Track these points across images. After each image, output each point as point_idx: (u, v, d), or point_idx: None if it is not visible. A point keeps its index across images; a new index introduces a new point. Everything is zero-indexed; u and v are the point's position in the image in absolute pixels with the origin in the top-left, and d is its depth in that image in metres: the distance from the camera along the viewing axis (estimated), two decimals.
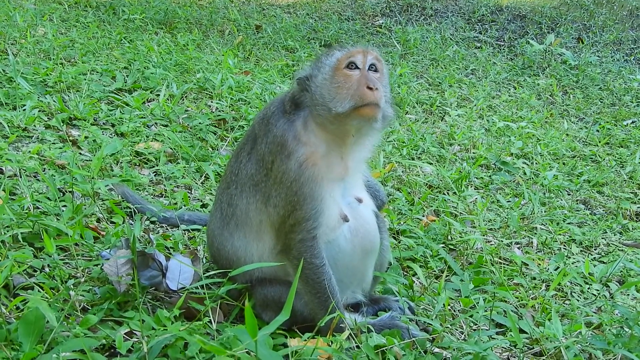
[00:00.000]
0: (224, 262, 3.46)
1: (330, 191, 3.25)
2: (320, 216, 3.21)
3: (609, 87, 10.51)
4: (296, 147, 3.19)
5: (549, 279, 4.48)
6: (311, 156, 3.19)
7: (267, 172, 3.25)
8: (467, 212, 5.37)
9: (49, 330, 2.82)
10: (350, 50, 3.25)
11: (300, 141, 3.21)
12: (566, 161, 7.12)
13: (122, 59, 7.47)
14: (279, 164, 3.20)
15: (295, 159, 3.18)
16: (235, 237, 3.38)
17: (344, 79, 3.19)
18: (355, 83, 3.18)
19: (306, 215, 3.19)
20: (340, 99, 3.17)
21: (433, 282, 4.17)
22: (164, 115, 6.10)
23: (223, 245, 3.44)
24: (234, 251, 3.39)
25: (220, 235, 3.46)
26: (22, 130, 5.23)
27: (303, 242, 3.21)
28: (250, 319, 2.30)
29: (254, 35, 10.75)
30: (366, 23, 12.92)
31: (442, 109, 8.24)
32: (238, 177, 3.39)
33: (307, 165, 3.17)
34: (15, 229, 3.63)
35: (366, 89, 3.15)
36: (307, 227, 3.20)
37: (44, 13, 9.15)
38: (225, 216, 3.43)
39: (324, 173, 3.21)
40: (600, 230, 5.51)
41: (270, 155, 3.24)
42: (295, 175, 3.17)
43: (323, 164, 3.22)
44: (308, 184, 3.18)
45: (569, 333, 3.63)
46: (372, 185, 3.74)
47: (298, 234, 3.21)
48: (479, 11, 13.89)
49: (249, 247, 3.35)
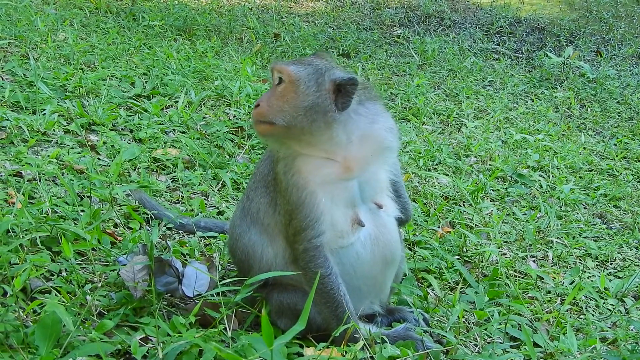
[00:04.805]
0: (240, 254, 3.48)
1: (329, 195, 3.21)
2: (319, 224, 3.19)
3: (627, 101, 10.46)
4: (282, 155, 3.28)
5: (564, 293, 4.47)
6: (289, 163, 3.23)
7: (275, 176, 3.33)
8: (483, 224, 5.36)
9: (65, 335, 2.85)
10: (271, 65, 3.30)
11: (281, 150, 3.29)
12: (583, 175, 7.09)
13: (141, 65, 7.52)
14: (277, 170, 3.29)
15: (279, 167, 3.26)
16: (253, 231, 3.41)
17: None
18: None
19: (302, 225, 3.19)
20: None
21: (448, 293, 4.16)
22: (182, 122, 6.14)
23: (241, 236, 3.46)
24: (251, 244, 3.41)
25: (239, 225, 3.49)
26: (41, 134, 5.28)
27: (306, 252, 3.21)
28: (266, 327, 2.31)
29: (272, 43, 10.79)
30: (384, 33, 12.93)
31: (459, 120, 8.23)
32: (257, 171, 3.50)
33: (289, 173, 3.21)
34: (33, 232, 3.66)
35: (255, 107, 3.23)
36: (307, 237, 3.19)
37: (64, 18, 9.23)
38: (244, 207, 3.49)
39: (312, 178, 3.19)
40: (616, 244, 5.48)
41: (275, 162, 3.33)
42: (285, 184, 3.23)
43: (307, 168, 3.20)
44: (295, 192, 3.19)
45: (584, 348, 3.62)
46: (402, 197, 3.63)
47: (300, 244, 3.21)
48: (498, 23, 13.87)
49: (264, 245, 3.38)
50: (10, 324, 2.87)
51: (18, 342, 2.81)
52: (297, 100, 3.17)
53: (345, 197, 3.27)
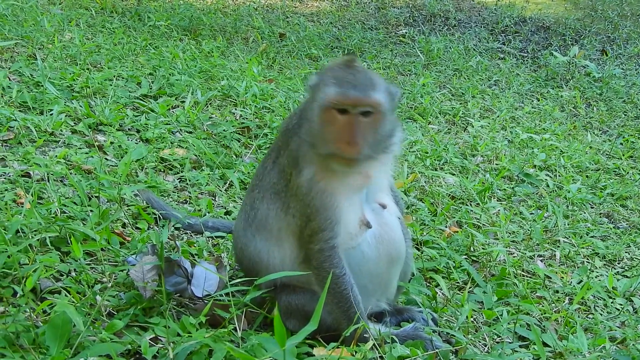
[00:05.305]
0: (247, 263, 3.51)
1: (348, 199, 3.27)
2: (337, 226, 3.23)
3: (633, 100, 10.44)
4: (305, 164, 3.24)
5: (572, 292, 4.46)
6: (319, 173, 3.21)
7: (287, 183, 3.31)
8: (490, 223, 5.36)
9: (75, 335, 2.86)
10: (343, 96, 3.08)
11: (310, 159, 3.24)
12: (590, 174, 7.08)
13: (148, 65, 7.53)
14: (294, 177, 3.27)
15: (304, 175, 3.23)
16: (257, 239, 3.42)
17: (332, 120, 3.12)
18: (338, 131, 3.11)
19: (321, 226, 3.22)
20: (322, 140, 3.16)
21: (456, 293, 4.16)
22: (188, 122, 6.14)
23: (246, 246, 3.48)
24: (256, 252, 3.42)
25: (243, 236, 3.50)
26: (49, 134, 5.29)
27: (322, 252, 3.23)
28: (279, 327, 2.32)
29: (277, 43, 10.80)
30: (389, 32, 12.93)
31: (465, 120, 8.23)
32: (262, 183, 3.45)
33: (315, 180, 3.20)
34: (43, 233, 3.67)
35: (346, 143, 3.09)
36: (324, 238, 3.22)
37: (70, 18, 9.24)
38: (249, 218, 3.48)
39: (337, 184, 3.23)
40: (623, 244, 5.47)
41: (289, 168, 3.31)
42: (306, 190, 3.22)
43: (335, 177, 3.22)
44: (319, 197, 3.20)
45: (593, 347, 3.62)
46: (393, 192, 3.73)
47: (316, 244, 3.23)
48: (503, 22, 13.86)
49: (271, 251, 3.39)
50: (21, 324, 2.89)
51: (29, 342, 2.82)
52: (385, 127, 3.23)
53: (357, 200, 3.33)
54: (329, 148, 3.13)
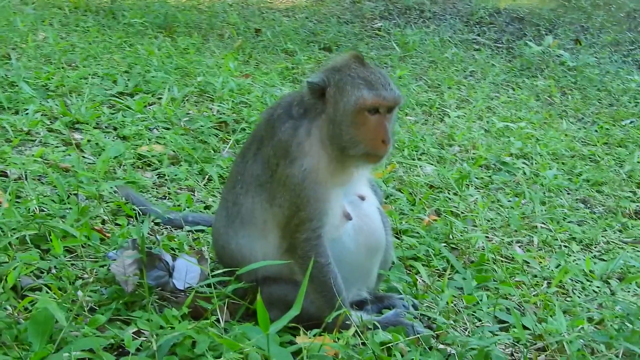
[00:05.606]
0: (228, 260, 3.49)
1: (334, 192, 3.31)
2: (325, 216, 3.27)
3: (607, 88, 10.54)
4: (299, 155, 3.25)
5: (550, 276, 4.52)
6: (314, 165, 3.25)
7: (272, 173, 3.30)
8: (468, 211, 5.40)
9: (58, 330, 2.86)
10: (379, 98, 3.20)
11: (304, 149, 3.26)
12: (565, 161, 7.15)
13: (123, 63, 7.50)
14: (282, 167, 3.26)
15: (298, 165, 3.24)
16: (240, 235, 3.41)
17: (363, 121, 3.21)
18: (372, 131, 3.21)
19: (310, 216, 3.25)
20: (354, 142, 3.23)
21: (436, 280, 4.20)
22: (165, 118, 6.13)
23: (228, 244, 3.47)
24: (238, 249, 3.42)
25: (225, 234, 3.49)
26: (25, 134, 5.27)
27: (308, 241, 3.26)
28: (262, 313, 2.33)
29: (253, 38, 10.79)
30: (365, 26, 12.96)
31: (441, 111, 8.27)
32: (244, 177, 3.43)
33: (309, 171, 3.23)
34: (22, 231, 3.66)
35: (381, 142, 3.21)
36: (312, 227, 3.25)
37: (44, 18, 9.19)
38: (231, 215, 3.46)
39: (327, 177, 3.27)
40: (600, 228, 5.54)
41: (275, 158, 3.29)
42: (298, 180, 3.23)
43: (326, 171, 3.27)
44: (311, 187, 3.24)
45: (572, 329, 3.67)
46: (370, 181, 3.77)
47: (303, 234, 3.26)
48: (477, 13, 13.94)
49: (253, 246, 3.38)
50: (3, 321, 2.88)
51: (11, 338, 2.81)
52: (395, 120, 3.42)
53: (341, 193, 3.39)
54: (363, 148, 3.23)
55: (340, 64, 3.33)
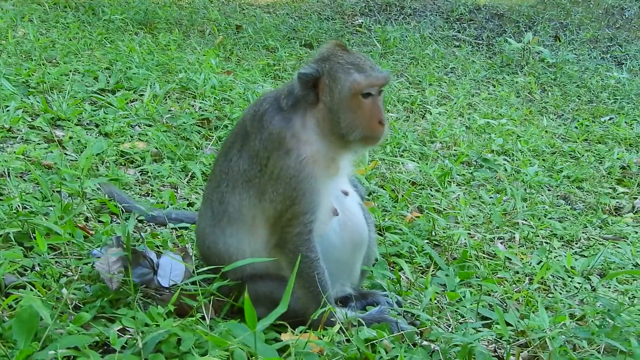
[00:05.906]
0: (215, 260, 3.45)
1: (326, 185, 3.32)
2: (317, 210, 3.28)
3: (586, 85, 10.63)
4: (296, 145, 3.24)
5: (532, 272, 4.56)
6: (312, 154, 3.24)
7: (262, 168, 3.27)
8: (451, 208, 5.44)
9: (43, 328, 2.84)
10: (372, 79, 3.26)
11: (300, 139, 3.25)
12: (546, 157, 7.21)
13: (104, 60, 7.46)
14: (275, 160, 3.24)
15: (295, 156, 3.23)
16: (227, 233, 3.40)
17: (358, 105, 3.25)
18: (368, 114, 3.26)
19: (304, 209, 3.25)
20: (352, 127, 3.26)
21: (419, 276, 4.23)
22: (148, 115, 6.11)
23: (215, 243, 3.45)
24: (225, 248, 3.40)
25: (211, 234, 3.47)
26: (6, 130, 5.23)
27: (300, 236, 3.27)
28: (249, 310, 2.34)
29: (234, 35, 10.77)
30: (345, 22, 12.98)
31: (423, 107, 8.31)
32: (229, 175, 3.40)
33: (307, 162, 3.23)
34: (5, 228, 3.65)
35: (378, 123, 3.26)
36: (305, 221, 3.26)
37: (23, 14, 9.13)
38: (217, 214, 3.44)
39: (322, 170, 3.27)
40: (580, 224, 5.59)
41: (266, 152, 3.27)
42: (294, 171, 3.22)
43: (322, 162, 3.27)
44: (307, 180, 3.23)
45: (554, 325, 3.70)
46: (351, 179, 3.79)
47: (295, 228, 3.26)
48: (458, 10, 14.00)
49: (241, 244, 3.37)
50: None
51: None
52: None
53: (331, 187, 3.40)
54: (360, 132, 3.27)
55: (327, 53, 3.35)
